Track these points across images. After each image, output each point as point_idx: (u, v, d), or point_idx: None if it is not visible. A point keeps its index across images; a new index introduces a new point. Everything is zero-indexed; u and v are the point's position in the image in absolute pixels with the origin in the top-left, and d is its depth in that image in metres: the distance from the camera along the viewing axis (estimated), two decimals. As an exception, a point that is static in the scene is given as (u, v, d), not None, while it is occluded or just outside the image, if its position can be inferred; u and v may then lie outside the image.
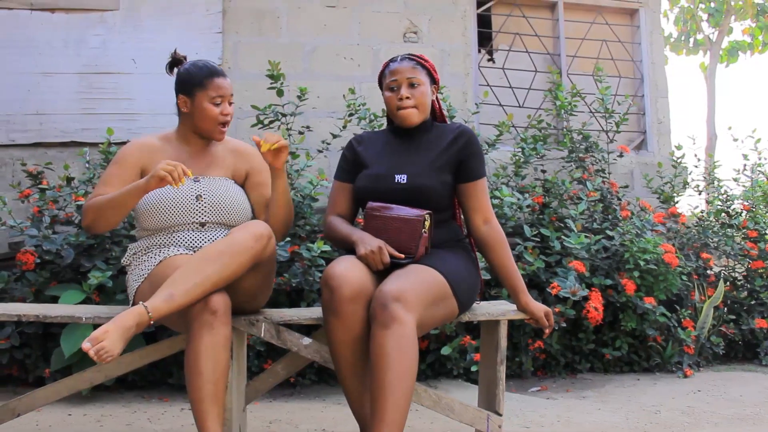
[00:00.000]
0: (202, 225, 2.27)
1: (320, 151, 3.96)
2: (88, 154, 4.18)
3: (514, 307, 2.39)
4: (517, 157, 3.96)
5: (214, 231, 2.29)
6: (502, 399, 2.35)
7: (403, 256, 2.17)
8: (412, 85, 2.34)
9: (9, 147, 4.19)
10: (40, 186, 3.69)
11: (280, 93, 3.89)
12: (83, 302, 3.15)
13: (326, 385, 3.47)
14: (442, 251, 2.28)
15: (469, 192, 2.35)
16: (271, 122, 3.94)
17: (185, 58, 2.42)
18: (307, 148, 3.87)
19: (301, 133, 3.96)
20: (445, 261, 2.22)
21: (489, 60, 5.04)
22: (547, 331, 2.35)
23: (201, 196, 2.27)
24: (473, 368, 3.38)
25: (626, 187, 4.34)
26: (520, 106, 4.93)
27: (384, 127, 3.87)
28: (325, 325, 2.10)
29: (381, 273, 2.16)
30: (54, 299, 3.21)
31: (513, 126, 4.77)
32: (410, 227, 2.20)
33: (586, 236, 3.64)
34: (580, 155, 4.16)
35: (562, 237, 3.67)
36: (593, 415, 2.93)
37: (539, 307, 2.33)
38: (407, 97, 2.33)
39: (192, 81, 2.32)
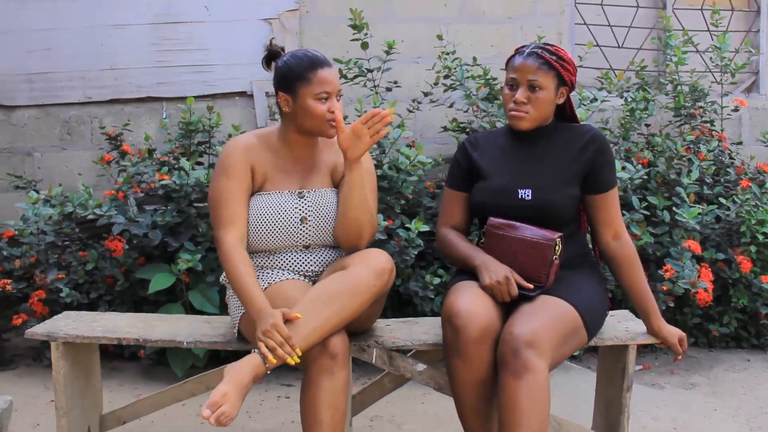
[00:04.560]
0: (307, 247, 2.10)
1: (410, 111, 3.70)
2: (166, 111, 4.06)
3: (642, 327, 2.20)
4: (624, 120, 3.62)
5: (320, 253, 2.11)
6: (627, 427, 2.18)
7: (532, 286, 1.98)
8: (532, 88, 2.06)
9: (86, 105, 4.04)
10: (120, 150, 3.60)
11: (364, 46, 3.62)
12: (173, 285, 3.09)
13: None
14: (571, 273, 2.08)
15: (599, 204, 2.12)
16: (355, 77, 3.69)
17: (283, 49, 2.16)
18: (398, 111, 3.60)
19: (389, 89, 3.70)
20: (576, 288, 2.02)
21: (586, -6, 4.58)
22: (679, 357, 2.16)
23: (306, 219, 2.06)
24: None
25: (739, 143, 3.98)
26: (619, 47, 4.51)
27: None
28: (447, 364, 1.96)
29: (506, 302, 1.98)
30: (143, 282, 3.14)
31: (612, 69, 4.39)
32: (539, 252, 1.99)
33: (699, 207, 3.34)
34: (691, 111, 3.79)
35: (673, 209, 3.38)
36: (711, 419, 2.75)
37: (673, 332, 2.13)
38: (523, 102, 2.07)
39: (293, 76, 2.03)
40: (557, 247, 2.00)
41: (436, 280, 3.15)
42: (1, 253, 3.23)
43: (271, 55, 2.15)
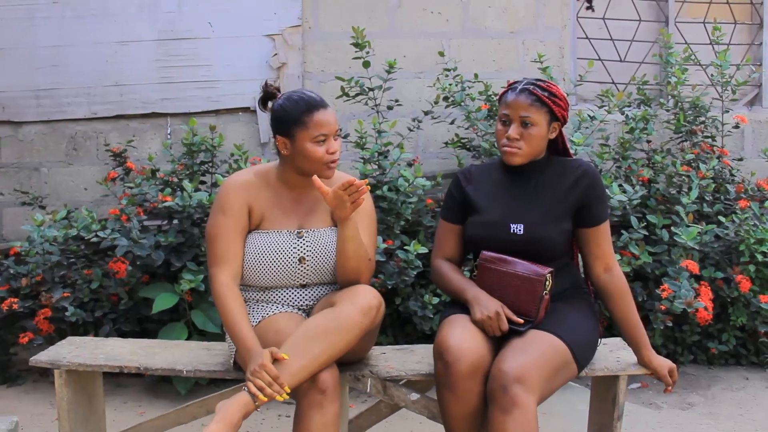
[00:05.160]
0: (304, 286, 2.14)
1: (411, 130, 3.74)
2: (170, 127, 4.11)
3: (633, 357, 2.22)
4: (623, 140, 3.64)
5: (317, 289, 2.15)
6: (619, 456, 2.22)
7: (522, 321, 2.01)
8: (524, 124, 2.09)
9: (92, 120, 4.10)
10: (125, 167, 3.65)
11: (366, 65, 3.66)
12: (176, 304, 3.15)
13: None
14: (562, 306, 2.11)
15: (590, 238, 2.15)
16: (356, 95, 3.73)
17: (278, 89, 2.19)
18: (399, 130, 3.64)
19: (390, 108, 3.74)
20: (567, 322, 2.05)
21: (588, 8, 4.60)
22: (669, 388, 2.19)
23: (304, 259, 2.09)
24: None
25: (741, 160, 3.99)
26: (621, 60, 4.52)
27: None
28: (438, 396, 2.00)
29: (497, 336, 2.02)
30: (147, 300, 3.19)
31: (614, 83, 4.42)
32: (530, 287, 2.03)
33: (698, 227, 3.35)
34: (693, 128, 3.80)
35: (671, 228, 3.40)
36: (706, 441, 2.79)
37: (663, 364, 2.16)
38: (515, 138, 2.10)
39: (289, 120, 2.05)
40: (548, 283, 2.03)
41: (435, 300, 3.19)
42: (8, 271, 3.29)
43: (267, 96, 2.17)
